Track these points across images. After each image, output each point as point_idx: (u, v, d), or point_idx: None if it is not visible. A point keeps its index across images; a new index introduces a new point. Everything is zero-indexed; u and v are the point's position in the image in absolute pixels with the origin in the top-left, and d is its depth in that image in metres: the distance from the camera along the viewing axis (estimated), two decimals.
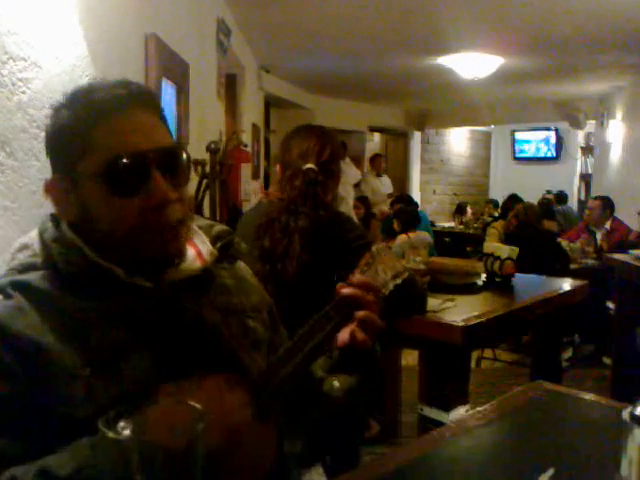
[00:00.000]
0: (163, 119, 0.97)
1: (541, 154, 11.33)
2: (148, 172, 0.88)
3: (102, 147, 0.87)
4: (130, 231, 0.88)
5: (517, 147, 11.60)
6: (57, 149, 0.92)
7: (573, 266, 4.72)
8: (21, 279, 0.88)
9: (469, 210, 9.59)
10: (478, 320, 2.25)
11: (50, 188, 0.93)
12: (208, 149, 3.40)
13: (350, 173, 7.75)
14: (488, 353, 4.77)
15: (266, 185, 6.68)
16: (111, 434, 0.62)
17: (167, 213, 0.88)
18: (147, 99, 0.95)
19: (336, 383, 1.03)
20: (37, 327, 0.83)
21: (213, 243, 1.03)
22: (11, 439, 0.79)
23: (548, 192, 9.02)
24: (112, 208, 0.87)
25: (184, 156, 0.94)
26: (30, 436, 0.79)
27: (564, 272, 4.15)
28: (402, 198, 6.78)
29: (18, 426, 0.80)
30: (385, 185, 8.72)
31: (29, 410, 0.80)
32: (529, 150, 11.49)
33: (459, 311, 2.36)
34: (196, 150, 3.14)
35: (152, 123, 0.93)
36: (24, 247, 0.96)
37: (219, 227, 1.07)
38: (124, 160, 0.86)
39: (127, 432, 0.63)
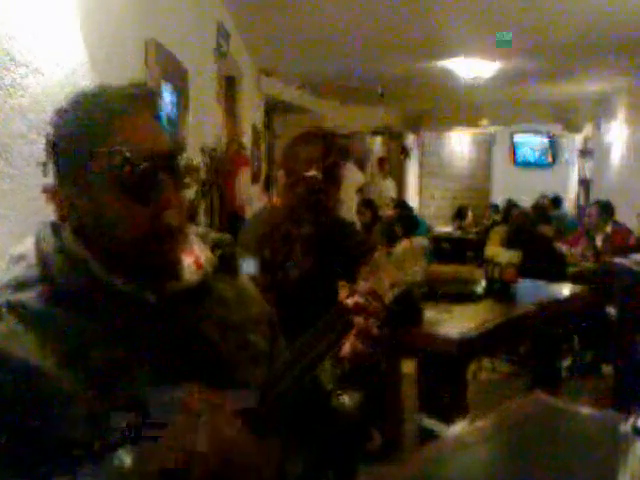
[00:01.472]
0: (161, 120, 0.96)
1: (539, 159, 11.35)
2: (159, 176, 0.87)
3: (116, 151, 0.85)
4: (140, 236, 0.86)
5: (516, 151, 11.61)
6: (65, 153, 0.89)
7: (572, 269, 4.71)
8: (15, 300, 0.85)
9: (470, 214, 9.57)
10: (473, 332, 2.21)
11: (53, 193, 0.90)
12: (205, 153, 3.40)
13: (354, 177, 7.75)
14: (486, 364, 4.74)
15: (267, 189, 6.66)
16: (115, 461, 0.61)
17: (165, 217, 0.87)
18: (153, 100, 0.95)
19: (346, 398, 1.02)
20: (32, 351, 0.81)
21: (211, 251, 1.01)
22: (7, 465, 0.77)
23: (542, 196, 8.96)
24: (126, 212, 0.86)
25: (184, 161, 0.94)
26: (27, 462, 0.77)
27: (560, 276, 4.13)
28: (400, 203, 6.76)
29: (16, 452, 0.78)
30: (390, 188, 8.73)
31: (26, 436, 0.78)
32: (527, 154, 11.50)
33: (455, 322, 2.33)
34: (194, 155, 3.13)
35: (157, 125, 0.92)
36: (20, 258, 0.93)
37: (214, 235, 1.05)
38: (139, 164, 0.85)
39: (128, 460, 0.61)
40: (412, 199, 10.52)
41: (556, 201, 8.41)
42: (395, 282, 0.94)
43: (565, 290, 3.09)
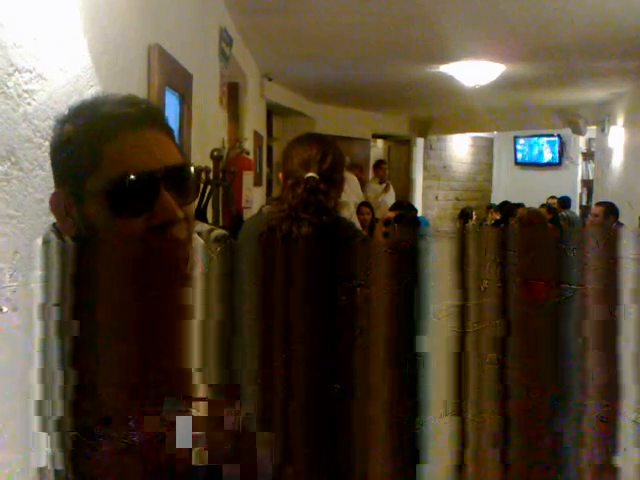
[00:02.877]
0: (171, 136, 0.96)
1: (543, 160, 11.36)
2: (156, 191, 0.87)
3: (109, 165, 0.86)
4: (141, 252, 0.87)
5: (519, 153, 11.62)
6: (61, 163, 0.91)
7: None
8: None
9: (474, 215, 9.58)
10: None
11: (53, 202, 0.92)
12: (211, 156, 3.45)
13: (357, 181, 7.79)
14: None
15: (268, 192, 6.69)
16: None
17: (173, 232, 0.88)
18: (155, 117, 0.95)
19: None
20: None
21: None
22: None
23: (552, 197, 9.01)
24: (117, 227, 0.87)
25: (192, 173, 0.95)
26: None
27: None
28: (401, 204, 6.74)
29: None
30: (387, 191, 8.74)
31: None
32: (531, 156, 11.50)
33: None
34: (199, 158, 3.17)
35: (160, 141, 0.92)
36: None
37: (217, 232, 1.07)
38: (131, 179, 0.85)
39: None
40: (417, 201, 10.58)
41: (565, 202, 8.45)
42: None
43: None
